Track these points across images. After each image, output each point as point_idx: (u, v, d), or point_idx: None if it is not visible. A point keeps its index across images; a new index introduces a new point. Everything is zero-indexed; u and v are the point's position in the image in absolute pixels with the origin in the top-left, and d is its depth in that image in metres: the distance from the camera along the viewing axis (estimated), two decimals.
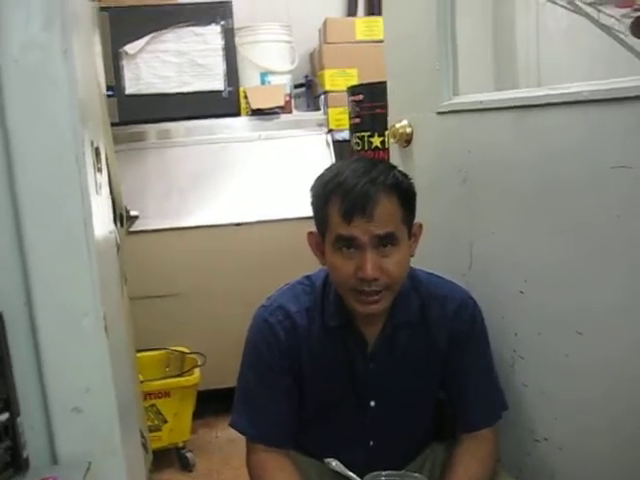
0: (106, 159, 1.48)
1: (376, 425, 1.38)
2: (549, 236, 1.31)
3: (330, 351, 1.33)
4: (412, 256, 1.31)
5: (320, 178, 1.29)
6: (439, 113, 1.61)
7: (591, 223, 1.20)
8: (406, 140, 1.72)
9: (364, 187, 1.20)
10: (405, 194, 1.26)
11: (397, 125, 1.73)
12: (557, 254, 1.30)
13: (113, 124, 2.48)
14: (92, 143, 1.11)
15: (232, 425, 1.37)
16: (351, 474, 1.22)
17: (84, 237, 1.00)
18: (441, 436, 1.48)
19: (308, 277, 1.41)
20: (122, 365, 1.25)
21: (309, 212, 1.31)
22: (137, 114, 3.06)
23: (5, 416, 0.97)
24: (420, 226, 1.31)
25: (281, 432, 1.34)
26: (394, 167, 1.30)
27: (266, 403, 1.33)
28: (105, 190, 1.32)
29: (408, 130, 1.71)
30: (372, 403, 1.37)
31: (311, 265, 1.40)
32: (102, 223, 1.18)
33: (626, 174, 1.10)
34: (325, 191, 1.25)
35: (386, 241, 1.21)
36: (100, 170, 1.19)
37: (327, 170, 1.30)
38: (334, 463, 1.25)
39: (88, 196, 1.01)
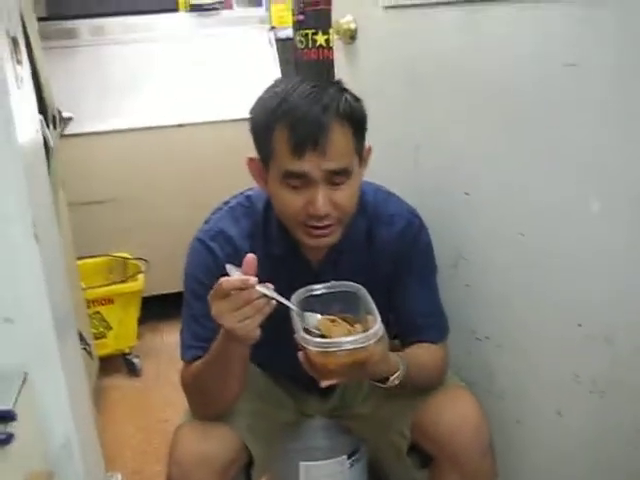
0: (30, 53, 1.38)
1: None
2: (495, 137, 1.29)
3: (274, 278, 1.17)
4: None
5: (263, 102, 1.17)
6: (385, 7, 1.53)
7: (539, 123, 1.18)
8: (350, 36, 1.63)
9: (316, 117, 1.10)
10: (358, 121, 1.17)
11: (341, 20, 1.65)
12: (502, 156, 1.28)
13: (40, 19, 2.34)
14: (8, 32, 1.02)
15: (185, 359, 1.28)
16: (280, 297, 1.14)
17: (5, 134, 0.92)
18: None
19: (249, 197, 1.33)
20: (58, 274, 1.20)
21: None
22: (67, 9, 2.88)
23: None
24: (369, 149, 1.24)
25: None
26: (345, 89, 1.20)
27: (216, 329, 1.19)
28: (28, 85, 1.23)
29: (352, 26, 1.63)
30: None
31: None
32: (26, 120, 1.09)
33: (575, 72, 1.07)
34: (270, 119, 1.13)
35: (339, 175, 1.15)
36: (20, 62, 1.10)
37: (270, 92, 1.18)
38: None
39: (7, 90, 0.92)
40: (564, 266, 1.19)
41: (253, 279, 1.04)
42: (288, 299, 1.11)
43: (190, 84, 2.92)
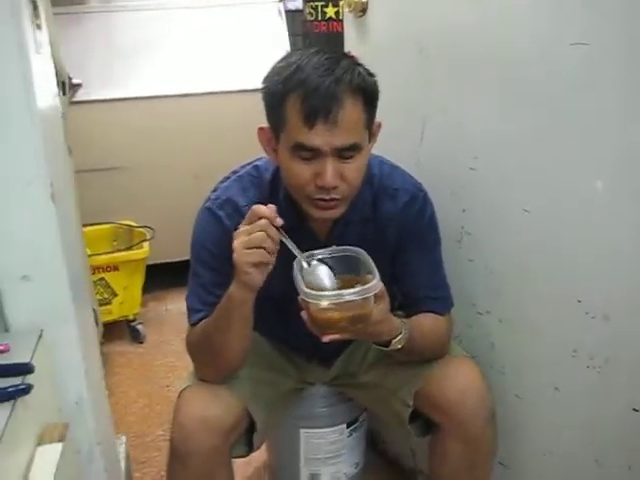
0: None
1: None
2: (501, 111, 1.30)
3: (281, 249, 1.18)
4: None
5: (276, 71, 1.18)
6: None
7: (544, 98, 1.18)
8: (361, 9, 1.63)
9: (329, 87, 1.10)
10: (370, 96, 1.17)
11: None
12: (507, 131, 1.29)
13: None
14: None
15: (191, 322, 1.29)
16: (295, 249, 1.14)
17: (25, 99, 0.94)
18: None
19: (257, 167, 1.34)
20: (72, 235, 1.22)
21: (258, 84, 1.23)
22: None
23: None
24: (379, 125, 1.25)
25: None
26: (359, 63, 1.20)
27: (222, 295, 1.21)
28: (46, 50, 1.24)
29: None
30: None
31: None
32: (44, 85, 1.11)
33: (583, 51, 1.08)
34: (284, 88, 1.13)
35: (349, 150, 1.14)
36: (39, 27, 1.11)
37: (283, 62, 1.18)
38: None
39: (27, 55, 0.94)
40: (565, 243, 1.20)
41: (279, 219, 1.10)
42: (292, 270, 1.14)
43: (198, 54, 2.91)
